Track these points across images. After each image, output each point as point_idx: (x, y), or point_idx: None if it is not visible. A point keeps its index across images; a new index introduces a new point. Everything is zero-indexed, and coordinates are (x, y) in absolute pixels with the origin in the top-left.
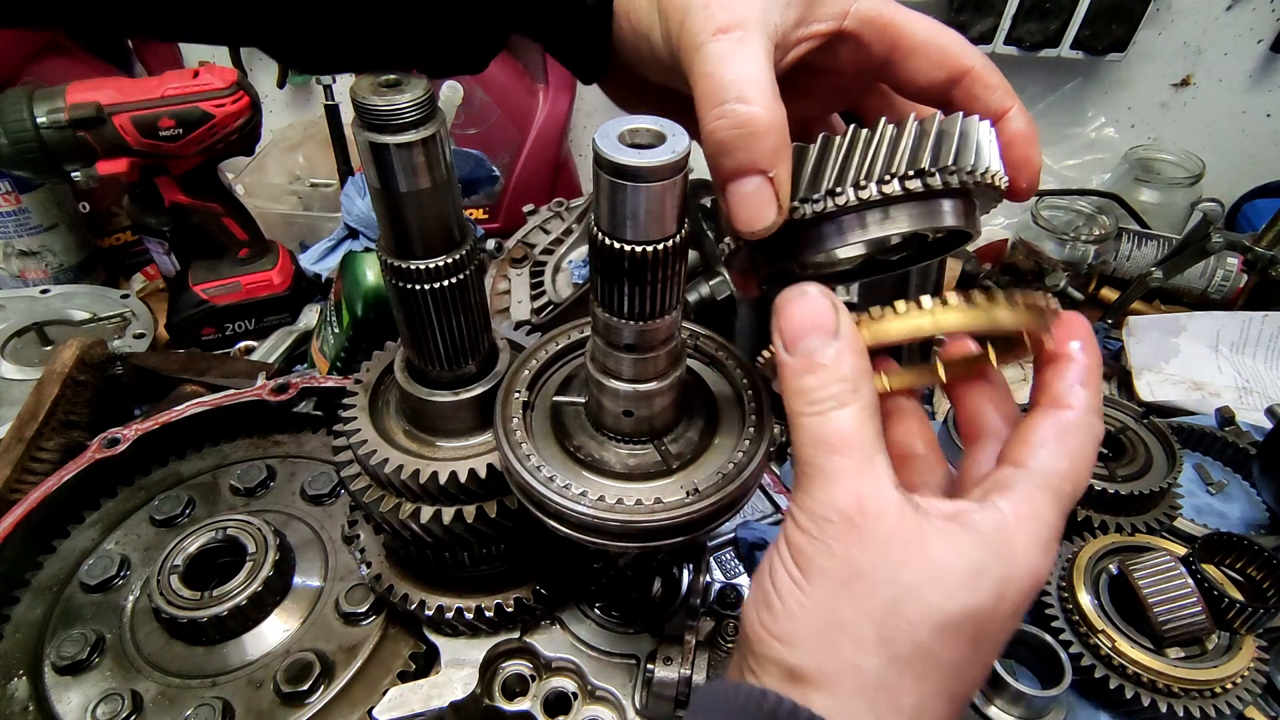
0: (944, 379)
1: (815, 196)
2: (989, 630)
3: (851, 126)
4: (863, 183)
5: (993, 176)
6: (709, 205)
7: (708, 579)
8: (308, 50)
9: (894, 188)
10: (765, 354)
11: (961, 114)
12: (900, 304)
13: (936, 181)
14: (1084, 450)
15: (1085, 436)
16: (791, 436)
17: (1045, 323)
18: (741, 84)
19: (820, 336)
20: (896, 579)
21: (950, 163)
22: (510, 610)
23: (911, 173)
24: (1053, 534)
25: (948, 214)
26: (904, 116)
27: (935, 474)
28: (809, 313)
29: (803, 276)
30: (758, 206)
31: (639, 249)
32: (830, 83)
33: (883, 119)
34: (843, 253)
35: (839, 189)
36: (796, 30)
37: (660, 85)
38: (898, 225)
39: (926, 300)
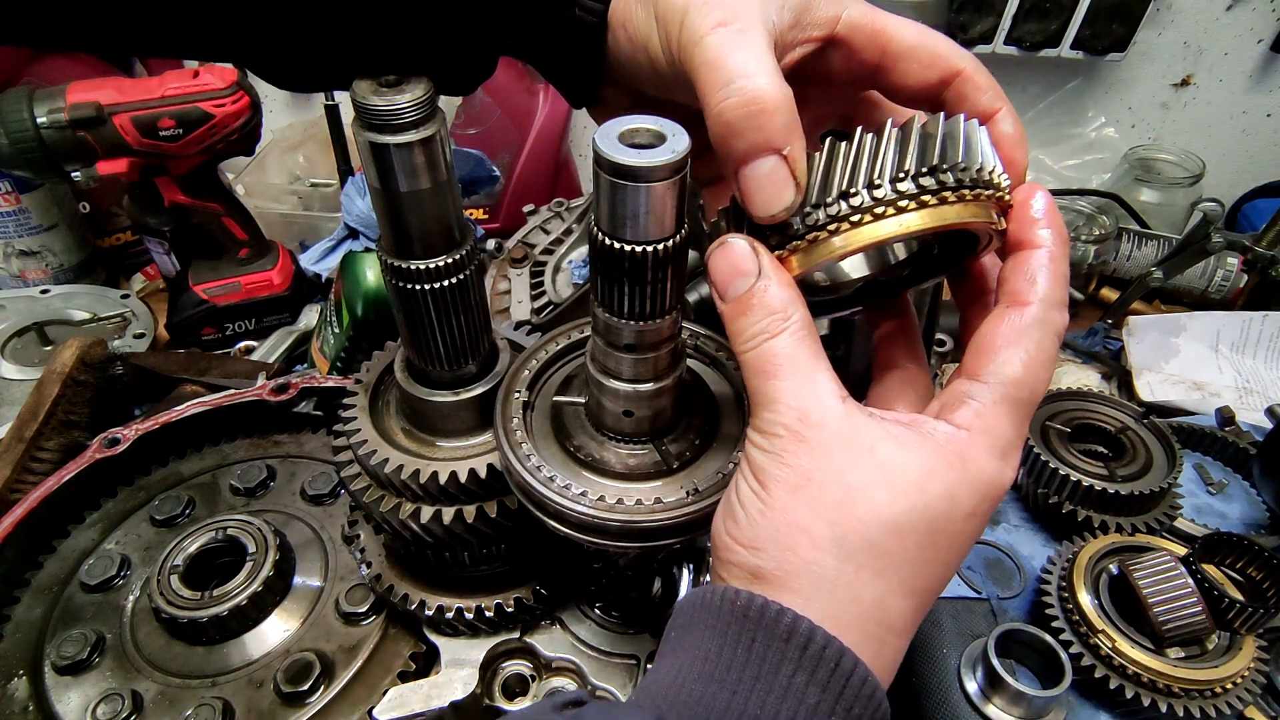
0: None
1: (828, 199)
2: (944, 531)
3: (858, 130)
4: (876, 181)
5: (998, 176)
6: (701, 224)
7: (707, 579)
8: (307, 51)
9: (908, 186)
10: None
11: (962, 117)
12: (834, 224)
13: (949, 179)
14: (1041, 350)
15: (1042, 335)
16: (742, 374)
17: (989, 214)
18: (746, 63)
19: (745, 279)
20: (843, 481)
21: (959, 161)
22: (510, 610)
23: (925, 170)
24: (1009, 444)
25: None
26: (896, 121)
27: (916, 386)
28: (732, 259)
29: (808, 304)
30: (775, 187)
31: (639, 249)
32: (822, 94)
33: (889, 121)
34: (849, 267)
35: (852, 190)
36: (791, 33)
37: (654, 101)
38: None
39: (870, 194)
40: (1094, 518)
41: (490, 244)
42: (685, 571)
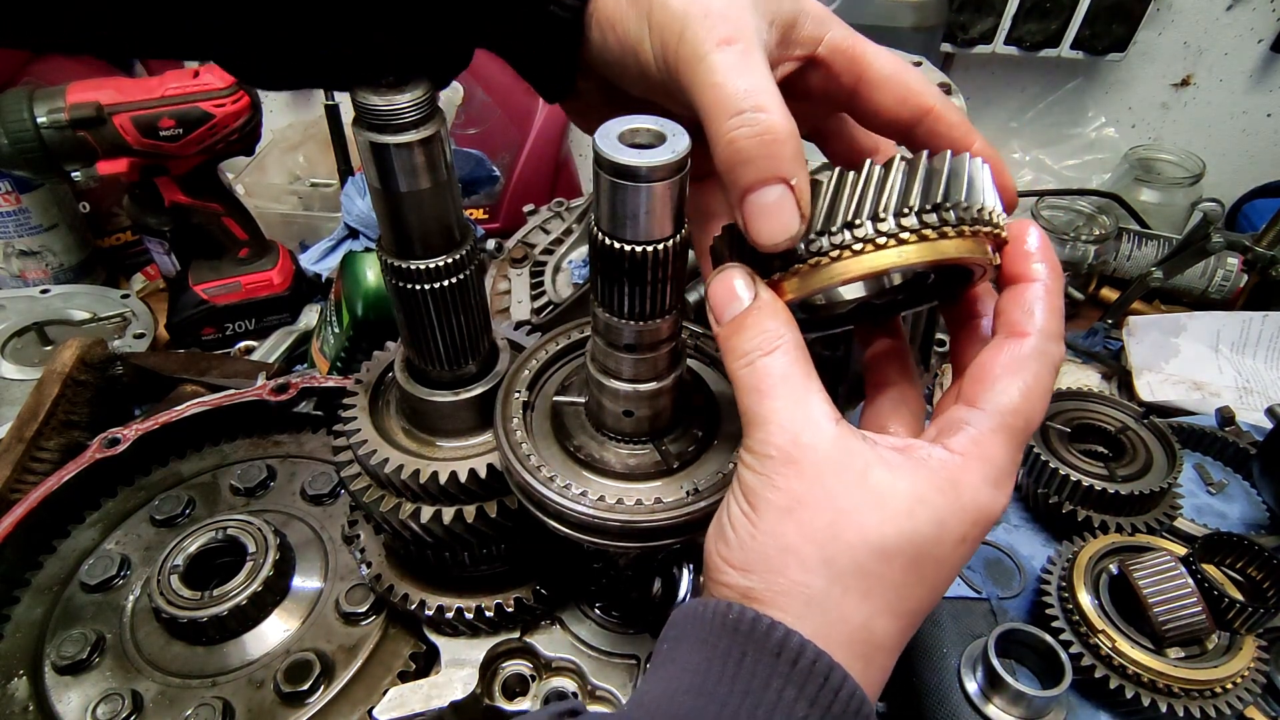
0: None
1: (833, 228)
2: (931, 556)
3: (867, 163)
4: (881, 215)
5: (996, 216)
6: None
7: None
8: (303, 47)
9: (911, 221)
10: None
11: (967, 155)
12: (836, 250)
13: (951, 217)
14: (1039, 381)
15: (1041, 366)
16: (735, 395)
17: (985, 250)
18: (757, 93)
19: (739, 302)
20: (834, 504)
21: (962, 200)
22: (510, 610)
23: (929, 207)
24: (1003, 472)
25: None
26: (862, 147)
27: (909, 405)
28: (728, 285)
29: (801, 321)
30: (781, 216)
31: (639, 249)
32: (798, 109)
33: (897, 155)
34: (845, 290)
35: (857, 221)
36: (778, 51)
37: (635, 100)
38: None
39: (874, 226)
40: (1094, 518)
41: (490, 244)
42: (685, 571)
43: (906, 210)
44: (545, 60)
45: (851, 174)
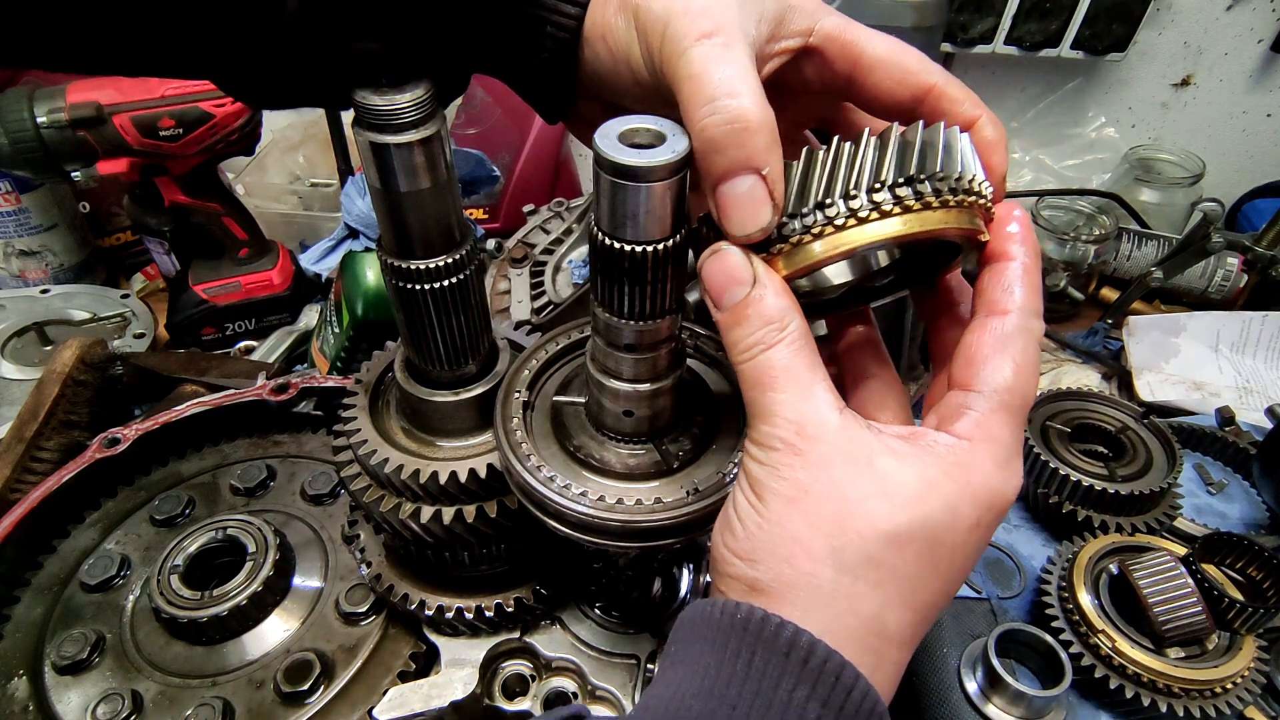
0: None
1: (804, 210)
2: (945, 543)
3: (835, 139)
4: (852, 193)
5: (980, 185)
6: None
7: (707, 579)
8: (303, 77)
9: (885, 197)
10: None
11: (943, 125)
12: (818, 227)
13: (927, 189)
14: (1026, 356)
15: (1026, 341)
16: (739, 385)
17: (975, 222)
18: (730, 81)
19: (740, 287)
20: (842, 493)
21: (938, 170)
22: (510, 610)
23: (902, 180)
24: (1010, 452)
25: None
26: (874, 130)
27: (894, 393)
28: (725, 268)
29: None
30: (752, 206)
31: (639, 249)
32: (798, 102)
33: (866, 130)
34: (832, 273)
35: (828, 200)
36: (769, 46)
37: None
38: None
39: (846, 205)
40: (1094, 518)
41: (490, 244)
42: (685, 571)
43: (878, 185)
44: (544, 82)
45: (821, 152)
